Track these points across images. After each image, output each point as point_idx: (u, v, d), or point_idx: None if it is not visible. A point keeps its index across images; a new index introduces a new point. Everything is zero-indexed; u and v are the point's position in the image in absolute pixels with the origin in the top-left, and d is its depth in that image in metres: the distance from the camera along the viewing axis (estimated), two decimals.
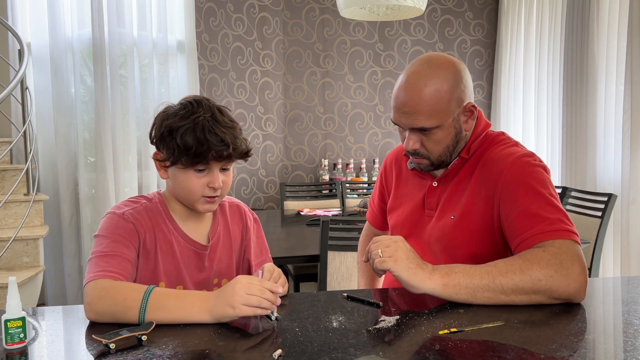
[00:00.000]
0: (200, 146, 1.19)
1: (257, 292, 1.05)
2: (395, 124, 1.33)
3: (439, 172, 1.40)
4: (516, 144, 1.36)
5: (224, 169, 1.26)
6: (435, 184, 1.40)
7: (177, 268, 1.29)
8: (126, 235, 1.22)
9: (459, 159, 1.36)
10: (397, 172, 1.54)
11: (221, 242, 1.36)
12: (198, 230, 1.33)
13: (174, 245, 1.29)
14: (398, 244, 1.20)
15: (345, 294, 1.24)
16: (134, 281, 1.23)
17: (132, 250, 1.22)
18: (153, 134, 1.27)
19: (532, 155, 1.30)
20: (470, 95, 1.33)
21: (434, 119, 1.27)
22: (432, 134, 1.30)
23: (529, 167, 1.26)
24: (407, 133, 1.33)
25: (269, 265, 1.25)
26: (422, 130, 1.30)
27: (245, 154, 1.28)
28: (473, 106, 1.32)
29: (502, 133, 1.40)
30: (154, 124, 1.28)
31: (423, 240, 1.41)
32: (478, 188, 1.32)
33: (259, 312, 1.05)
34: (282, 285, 1.21)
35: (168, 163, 1.24)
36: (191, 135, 1.19)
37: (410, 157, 1.38)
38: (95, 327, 1.06)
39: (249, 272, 1.40)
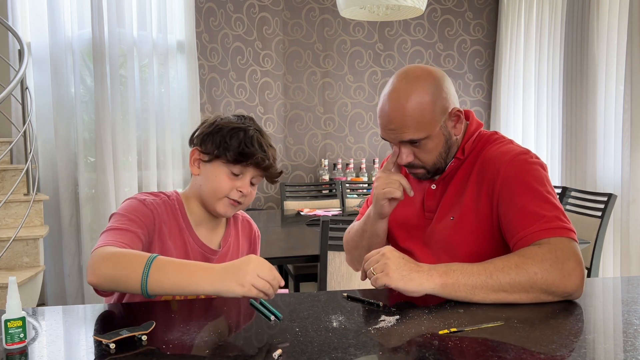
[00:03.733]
0: (246, 147, 1.27)
1: (268, 276, 1.06)
2: (385, 139, 1.36)
3: (437, 175, 1.41)
4: (510, 142, 1.37)
5: (252, 184, 1.33)
6: (433, 186, 1.41)
7: None
8: (142, 218, 1.25)
9: (455, 160, 1.37)
10: None
11: (231, 252, 1.40)
12: (209, 237, 1.37)
13: (186, 243, 1.32)
14: (386, 256, 1.19)
15: (345, 294, 1.24)
16: None
17: (145, 231, 1.24)
18: (199, 132, 1.34)
19: (527, 152, 1.31)
20: (454, 101, 1.34)
21: (422, 131, 1.29)
22: (423, 145, 1.31)
23: (526, 165, 1.27)
24: (398, 147, 1.34)
25: None
26: (412, 143, 1.31)
27: (277, 175, 1.36)
28: (459, 111, 1.34)
29: (495, 132, 1.42)
30: (202, 125, 1.35)
31: (423, 242, 1.41)
32: (476, 188, 1.32)
33: (262, 296, 1.06)
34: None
35: (206, 158, 1.30)
36: (241, 136, 1.28)
37: (407, 170, 1.40)
38: (95, 327, 1.06)
39: None
